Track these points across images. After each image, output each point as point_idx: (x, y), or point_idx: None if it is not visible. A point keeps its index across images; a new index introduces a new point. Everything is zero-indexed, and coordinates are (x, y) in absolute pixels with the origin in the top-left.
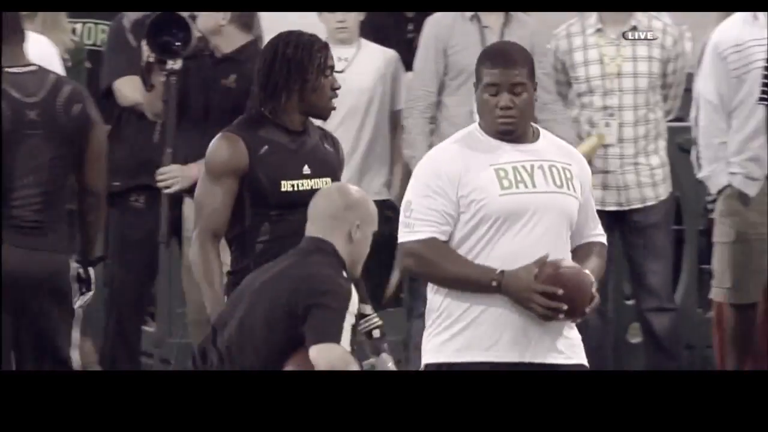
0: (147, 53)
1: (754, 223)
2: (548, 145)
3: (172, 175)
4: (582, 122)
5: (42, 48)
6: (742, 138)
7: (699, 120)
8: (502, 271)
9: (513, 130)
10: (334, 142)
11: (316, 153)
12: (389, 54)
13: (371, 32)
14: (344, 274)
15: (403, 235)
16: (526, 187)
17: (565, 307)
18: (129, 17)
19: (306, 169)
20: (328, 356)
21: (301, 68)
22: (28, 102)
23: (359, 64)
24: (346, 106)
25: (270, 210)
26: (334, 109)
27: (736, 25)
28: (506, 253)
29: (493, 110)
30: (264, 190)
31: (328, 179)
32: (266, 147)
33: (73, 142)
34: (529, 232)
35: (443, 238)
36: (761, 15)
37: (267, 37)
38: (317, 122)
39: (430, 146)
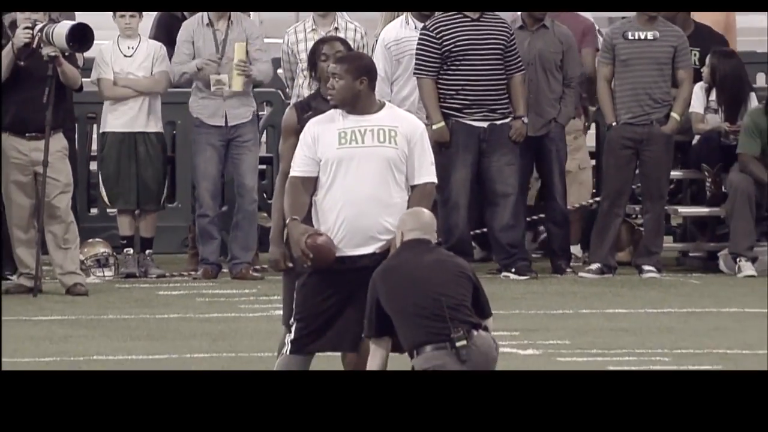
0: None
1: None
2: (385, 116)
3: None
4: (305, 87)
5: None
6: (399, 99)
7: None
8: (295, 219)
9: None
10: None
11: None
12: (156, 44)
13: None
14: None
15: None
16: (356, 143)
17: (309, 263)
18: None
19: None
20: None
21: (310, 60)
22: None
23: (142, 51)
24: (139, 76)
25: None
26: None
27: (396, 27)
28: (344, 187)
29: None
30: None
31: None
32: (310, 113)
33: None
34: (357, 173)
35: (309, 175)
36: (411, 20)
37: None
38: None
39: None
